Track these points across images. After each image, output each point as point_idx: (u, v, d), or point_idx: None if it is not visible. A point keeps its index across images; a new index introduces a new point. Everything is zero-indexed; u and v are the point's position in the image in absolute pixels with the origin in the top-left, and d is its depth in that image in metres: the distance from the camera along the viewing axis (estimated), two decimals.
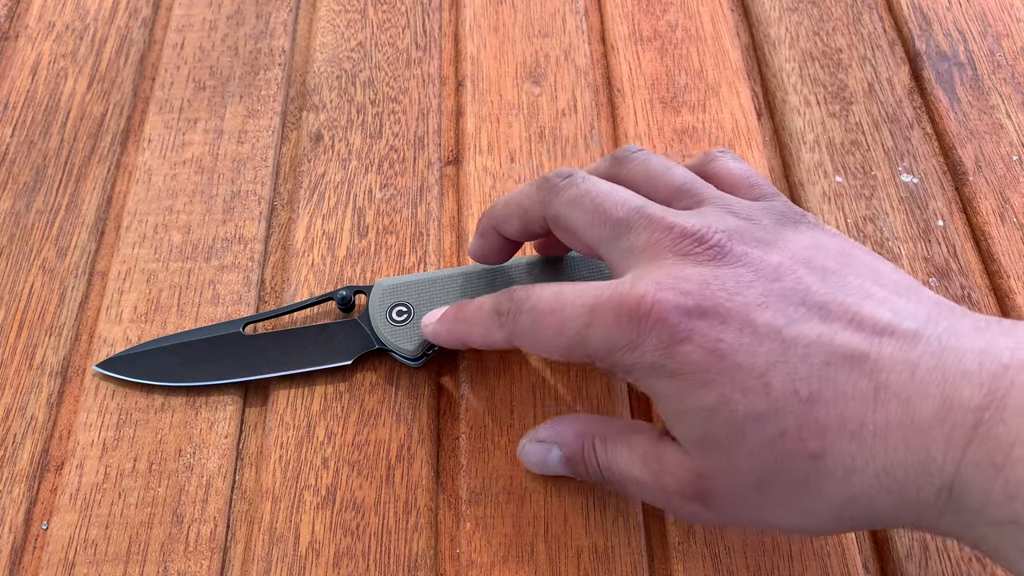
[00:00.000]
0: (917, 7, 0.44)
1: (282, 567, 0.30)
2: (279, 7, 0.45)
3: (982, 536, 0.22)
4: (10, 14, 0.45)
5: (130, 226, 0.38)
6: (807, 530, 0.26)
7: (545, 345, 0.27)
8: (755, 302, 0.24)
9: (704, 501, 0.25)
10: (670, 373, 0.24)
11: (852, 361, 0.23)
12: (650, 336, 0.24)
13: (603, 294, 0.25)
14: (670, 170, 0.29)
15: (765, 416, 0.23)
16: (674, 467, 0.26)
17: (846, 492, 0.23)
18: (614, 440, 0.28)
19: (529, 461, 0.31)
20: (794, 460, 0.23)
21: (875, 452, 0.22)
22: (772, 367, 0.23)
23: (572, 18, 0.44)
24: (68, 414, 0.34)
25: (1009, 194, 0.38)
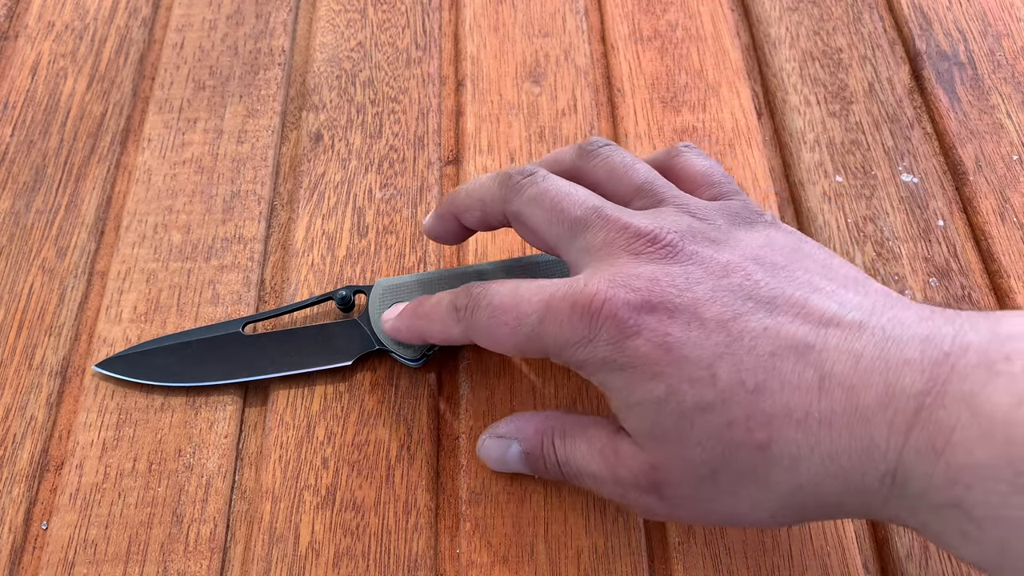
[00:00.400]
0: (917, 7, 0.44)
1: (282, 567, 0.30)
2: (279, 7, 0.45)
3: (924, 522, 0.22)
4: (10, 14, 0.45)
5: (130, 226, 0.38)
6: (759, 522, 0.25)
7: (500, 341, 0.28)
8: (703, 297, 0.25)
9: (658, 493, 0.26)
10: (620, 367, 0.25)
11: (798, 352, 0.23)
12: (601, 331, 0.25)
13: (558, 291, 0.26)
14: (632, 168, 0.29)
15: (712, 406, 0.24)
16: (629, 459, 0.26)
17: (793, 480, 0.23)
18: (573, 434, 0.28)
19: (488, 457, 0.31)
20: (742, 450, 0.24)
21: (820, 440, 0.23)
22: (719, 359, 0.24)
23: (572, 18, 0.44)
24: (68, 414, 0.34)
25: (1009, 194, 0.38)
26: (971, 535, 0.21)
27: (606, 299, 0.25)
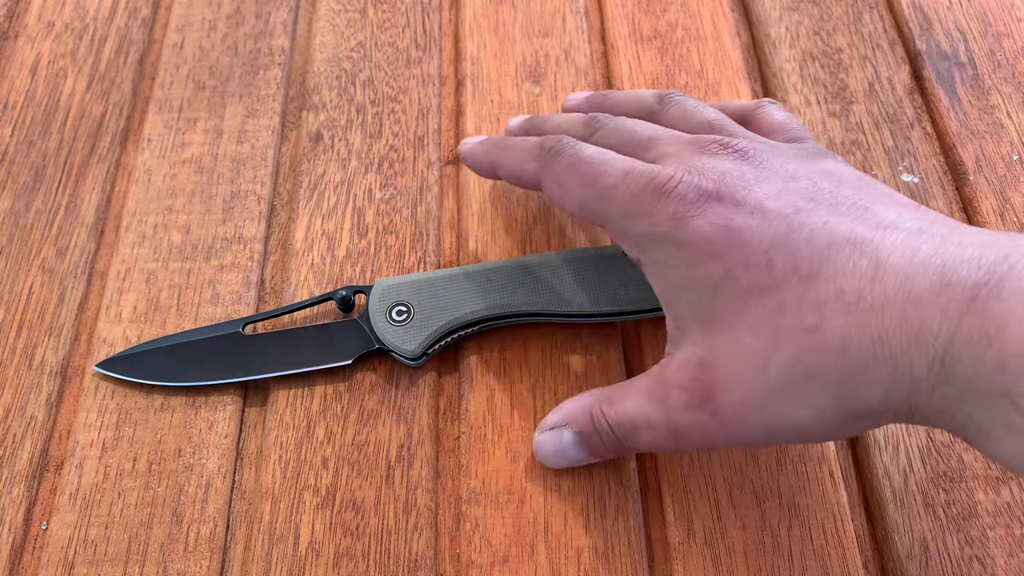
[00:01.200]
0: (917, 7, 0.44)
1: (282, 567, 0.30)
2: (279, 7, 0.45)
3: (968, 414, 0.22)
4: (9, 14, 0.45)
5: (130, 226, 0.38)
6: (809, 430, 0.25)
7: (568, 191, 0.29)
8: (769, 193, 0.26)
9: (711, 404, 0.26)
10: (679, 242, 0.26)
11: (854, 244, 0.24)
12: (667, 207, 0.26)
13: (638, 166, 0.28)
14: (703, 108, 0.32)
15: (765, 291, 0.25)
16: (678, 375, 0.27)
17: (843, 365, 0.23)
18: (618, 395, 0.29)
19: (545, 452, 0.31)
20: (792, 334, 0.24)
21: (871, 323, 0.23)
22: (776, 246, 0.25)
23: (572, 18, 0.44)
24: (68, 414, 0.34)
25: (1010, 194, 0.38)
26: (1015, 426, 0.21)
27: (680, 181, 0.26)
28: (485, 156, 0.34)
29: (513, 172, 0.32)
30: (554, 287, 0.34)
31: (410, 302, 0.34)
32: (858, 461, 0.33)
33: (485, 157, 0.34)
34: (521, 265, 0.34)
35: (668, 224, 0.26)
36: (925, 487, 0.31)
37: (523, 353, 0.34)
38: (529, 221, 0.38)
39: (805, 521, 0.31)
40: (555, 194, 0.30)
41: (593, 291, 0.34)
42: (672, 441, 0.27)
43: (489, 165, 0.34)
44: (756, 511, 0.31)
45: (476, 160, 0.34)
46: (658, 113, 0.33)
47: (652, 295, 0.34)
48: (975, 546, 0.30)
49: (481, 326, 0.34)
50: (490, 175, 0.35)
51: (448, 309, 0.33)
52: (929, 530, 0.31)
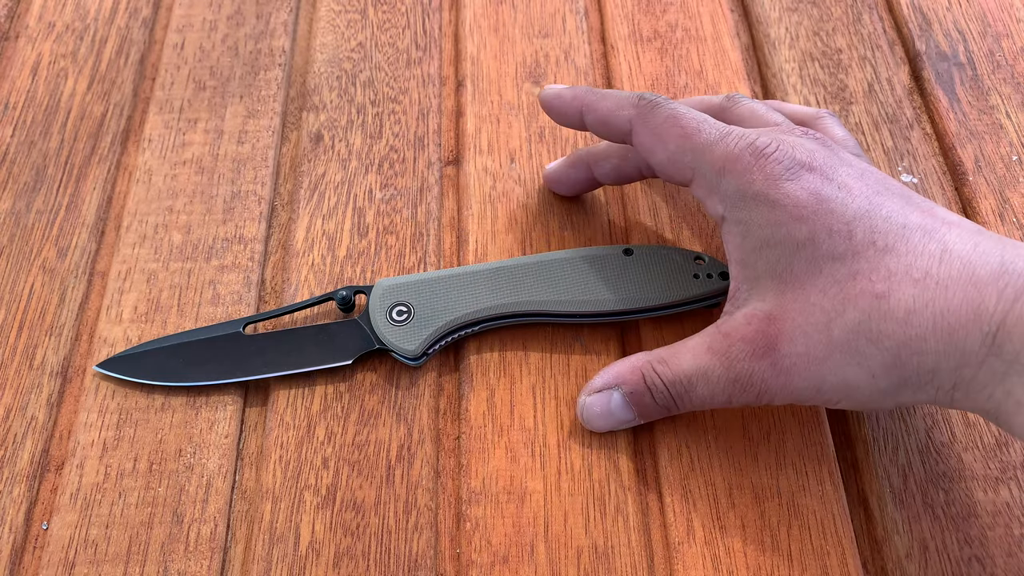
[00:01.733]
0: (917, 7, 0.44)
1: (282, 567, 0.30)
2: (279, 7, 0.45)
3: (1008, 389, 0.25)
4: (10, 14, 0.45)
5: (130, 226, 0.38)
6: (857, 390, 0.27)
7: (664, 141, 0.31)
8: (852, 175, 0.28)
9: (773, 355, 0.28)
10: (771, 203, 0.28)
11: (924, 230, 0.27)
12: (764, 168, 0.28)
13: (736, 130, 0.30)
14: (771, 112, 0.33)
15: (843, 257, 0.27)
16: (742, 328, 0.29)
17: (903, 333, 0.26)
18: (672, 354, 0.30)
19: (592, 414, 0.31)
20: (860, 298, 0.26)
21: (935, 298, 0.25)
22: (857, 219, 0.27)
23: (572, 18, 0.44)
24: (68, 414, 0.34)
25: (1009, 194, 0.38)
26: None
27: (778, 147, 0.29)
28: (574, 100, 0.34)
29: (603, 118, 0.33)
30: (554, 287, 0.34)
31: (410, 302, 0.34)
32: (858, 461, 0.33)
33: (574, 101, 0.34)
34: (521, 265, 0.34)
35: (763, 184, 0.28)
36: (924, 487, 0.32)
37: (523, 353, 0.34)
38: (529, 221, 0.38)
39: (805, 521, 0.31)
40: (647, 142, 0.31)
41: (593, 291, 0.34)
42: (729, 391, 0.29)
43: (577, 110, 0.34)
44: (756, 511, 0.31)
45: (563, 103, 0.34)
46: (727, 110, 0.34)
47: (652, 295, 0.34)
48: (974, 546, 0.30)
49: (481, 326, 0.34)
50: (573, 121, 0.35)
51: (448, 309, 0.34)
52: (928, 530, 0.31)
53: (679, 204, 0.38)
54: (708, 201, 0.31)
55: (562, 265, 0.34)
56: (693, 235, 0.37)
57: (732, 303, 0.30)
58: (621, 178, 0.36)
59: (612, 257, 0.34)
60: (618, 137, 0.33)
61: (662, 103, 0.31)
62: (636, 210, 0.38)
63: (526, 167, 0.39)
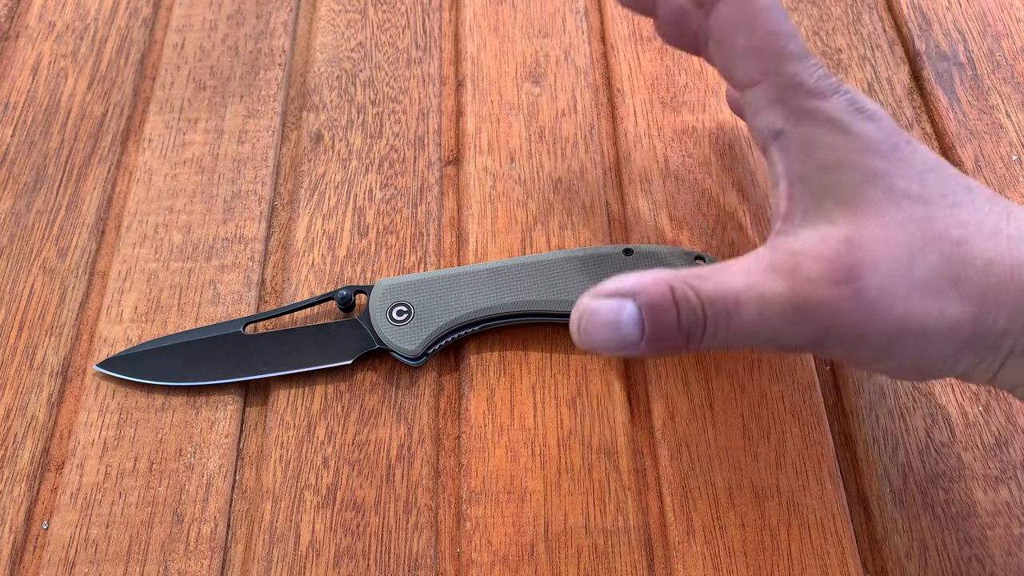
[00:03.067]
0: (917, 7, 0.44)
1: (282, 567, 0.30)
2: (279, 7, 0.45)
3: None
4: (10, 14, 0.45)
5: (130, 226, 0.38)
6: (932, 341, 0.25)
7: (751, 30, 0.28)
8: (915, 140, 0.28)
9: (854, 281, 0.25)
10: (846, 130, 0.27)
11: (987, 195, 0.27)
12: (843, 98, 0.27)
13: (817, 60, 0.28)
14: None
15: (919, 199, 0.26)
16: (817, 246, 0.26)
17: (984, 282, 0.25)
18: (715, 272, 0.26)
19: (593, 323, 0.26)
20: (940, 241, 0.25)
21: (1010, 250, 0.25)
22: (928, 171, 0.27)
23: (572, 18, 0.44)
24: (68, 414, 0.34)
25: (1009, 194, 0.38)
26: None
27: (854, 92, 0.28)
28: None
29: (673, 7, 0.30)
30: (554, 287, 0.34)
31: (410, 302, 0.34)
32: (857, 461, 0.33)
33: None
34: (521, 265, 0.34)
35: (840, 112, 0.27)
36: (924, 486, 0.32)
37: (523, 353, 0.34)
38: (529, 221, 0.38)
39: (804, 520, 0.31)
40: (734, 20, 0.28)
41: None
42: (786, 321, 0.25)
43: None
44: (756, 510, 0.31)
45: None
46: None
47: None
48: (974, 545, 0.30)
49: (481, 326, 0.34)
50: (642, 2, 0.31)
51: (448, 309, 0.34)
52: (928, 529, 0.31)
53: (679, 204, 0.38)
54: (767, 111, 0.28)
55: (562, 265, 0.34)
56: (693, 235, 0.37)
57: (788, 223, 0.27)
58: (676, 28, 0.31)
59: (612, 257, 0.35)
60: (693, 20, 0.30)
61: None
62: (636, 210, 0.38)
63: (526, 167, 0.39)
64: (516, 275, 0.34)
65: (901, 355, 0.26)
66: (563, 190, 0.39)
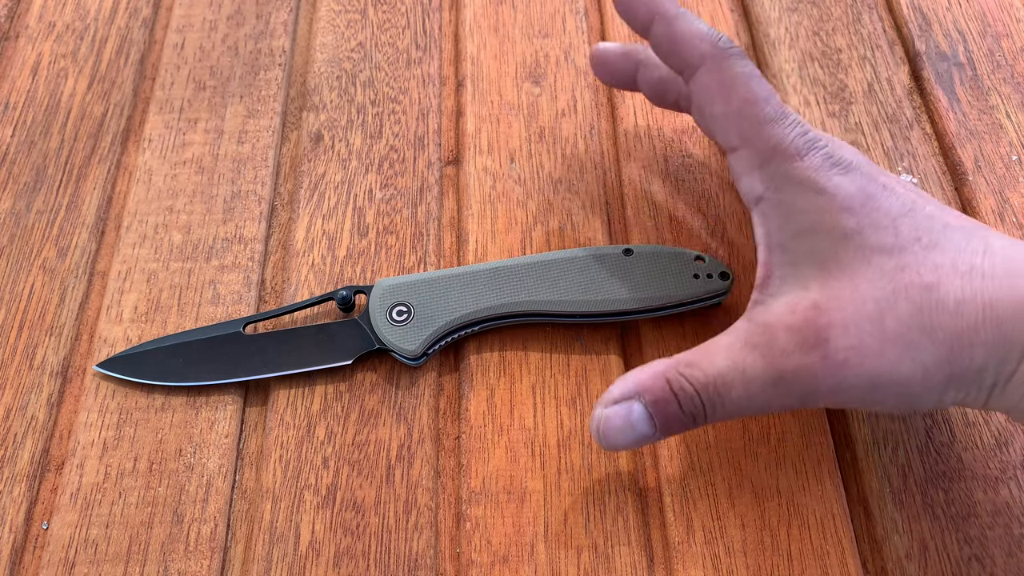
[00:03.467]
0: (917, 7, 0.44)
1: (282, 567, 0.30)
2: (279, 7, 0.45)
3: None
4: (10, 14, 0.45)
5: (130, 226, 0.38)
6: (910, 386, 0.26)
7: (727, 98, 0.30)
8: (893, 179, 0.29)
9: (823, 346, 0.26)
10: (819, 190, 0.28)
11: (965, 230, 0.27)
12: (814, 158, 0.28)
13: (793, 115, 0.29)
14: None
15: (890, 251, 0.27)
16: (787, 317, 0.27)
17: (956, 324, 0.25)
18: (701, 355, 0.28)
19: (610, 428, 0.28)
20: (910, 290, 0.26)
21: (983, 288, 0.25)
22: (902, 217, 0.27)
23: (572, 18, 0.44)
24: (68, 414, 0.34)
25: (1009, 194, 0.38)
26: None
27: (829, 143, 0.29)
28: (651, 2, 0.31)
29: (675, 39, 0.31)
30: (554, 287, 0.34)
31: (410, 302, 0.34)
32: (857, 460, 0.33)
33: (651, 3, 0.31)
34: (521, 265, 0.34)
35: (814, 171, 0.28)
36: (924, 486, 0.32)
37: (523, 353, 0.34)
38: (529, 221, 0.38)
39: (804, 521, 0.31)
40: (710, 89, 0.30)
41: (593, 291, 0.34)
42: (770, 392, 0.27)
43: (649, 13, 0.31)
44: (756, 511, 0.31)
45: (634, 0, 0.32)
46: None
47: (652, 295, 0.34)
48: (974, 545, 0.30)
49: (481, 326, 0.34)
50: (638, 23, 0.32)
51: (448, 309, 0.34)
52: (928, 530, 0.31)
53: (679, 204, 0.38)
54: (747, 177, 0.29)
55: (562, 265, 0.34)
56: (693, 235, 0.37)
57: (764, 291, 0.28)
58: (659, 95, 0.35)
59: (612, 257, 0.35)
60: (678, 64, 0.31)
61: (740, 56, 0.30)
62: (636, 210, 0.38)
63: (526, 167, 0.39)
64: (516, 275, 0.34)
65: (884, 401, 0.27)
66: (563, 190, 0.39)
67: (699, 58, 0.30)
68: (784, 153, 0.28)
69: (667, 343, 0.35)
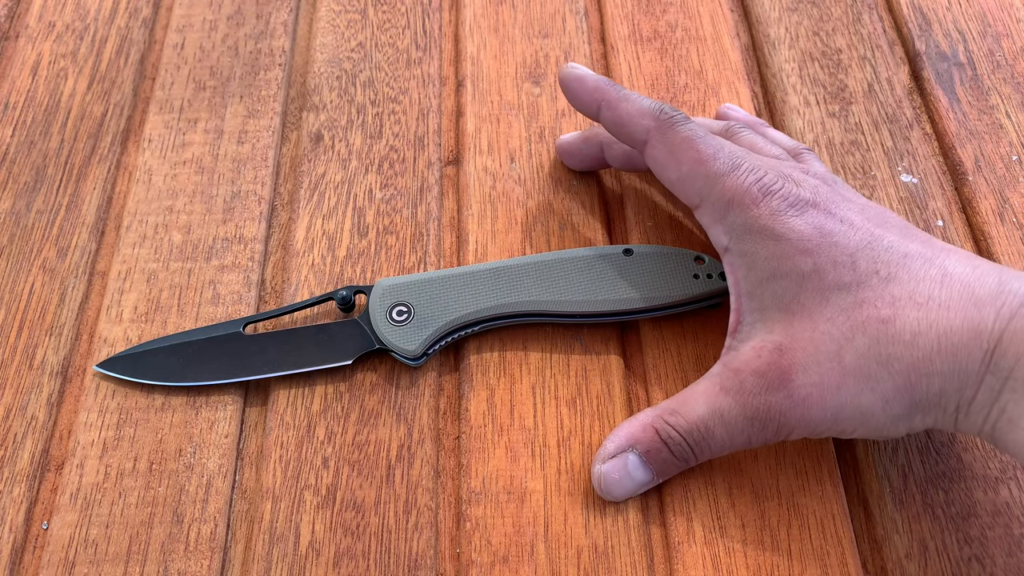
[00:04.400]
0: (917, 7, 0.44)
1: (282, 567, 0.30)
2: (279, 7, 0.45)
3: (1002, 407, 0.26)
4: (10, 14, 0.45)
5: (130, 226, 0.38)
6: (872, 416, 0.27)
7: (679, 162, 0.31)
8: (853, 211, 0.30)
9: (787, 386, 0.28)
10: (777, 236, 0.29)
11: (924, 258, 0.28)
12: (771, 203, 0.29)
13: (745, 162, 0.30)
14: (769, 145, 0.34)
15: (849, 287, 0.28)
16: (753, 362, 0.29)
17: (911, 355, 0.26)
18: (682, 403, 0.30)
19: (610, 482, 0.30)
20: (868, 324, 0.27)
21: (938, 319, 0.26)
22: (860, 251, 0.28)
23: (572, 18, 0.44)
24: (68, 414, 0.34)
25: (1009, 194, 0.38)
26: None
27: (783, 184, 0.29)
28: (595, 91, 0.33)
29: (621, 120, 0.33)
30: (554, 287, 0.34)
31: (410, 302, 0.34)
32: (857, 461, 0.33)
33: (595, 93, 0.33)
34: (521, 265, 0.34)
35: (769, 219, 0.29)
36: (924, 487, 0.32)
37: (523, 353, 0.34)
38: (529, 221, 0.38)
39: (804, 520, 0.31)
40: (661, 158, 0.32)
41: (593, 291, 0.34)
42: (747, 431, 0.29)
43: (596, 102, 0.33)
44: (756, 511, 0.31)
45: (583, 89, 0.34)
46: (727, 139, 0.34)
47: (652, 295, 0.34)
48: (974, 545, 0.30)
49: (481, 326, 0.34)
50: (589, 110, 0.34)
51: (448, 309, 0.34)
52: (928, 530, 0.31)
53: (679, 204, 0.38)
54: (713, 230, 0.31)
55: (562, 265, 0.34)
56: (693, 235, 0.37)
57: (735, 337, 0.30)
58: (629, 165, 0.37)
59: (612, 257, 0.35)
60: (629, 142, 0.33)
61: (681, 122, 0.32)
62: (636, 210, 0.38)
63: (526, 167, 0.39)
64: (516, 275, 0.34)
65: (852, 430, 0.28)
66: (563, 190, 0.39)
67: (645, 133, 0.32)
68: (740, 204, 0.29)
69: (667, 343, 0.35)
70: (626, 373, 0.34)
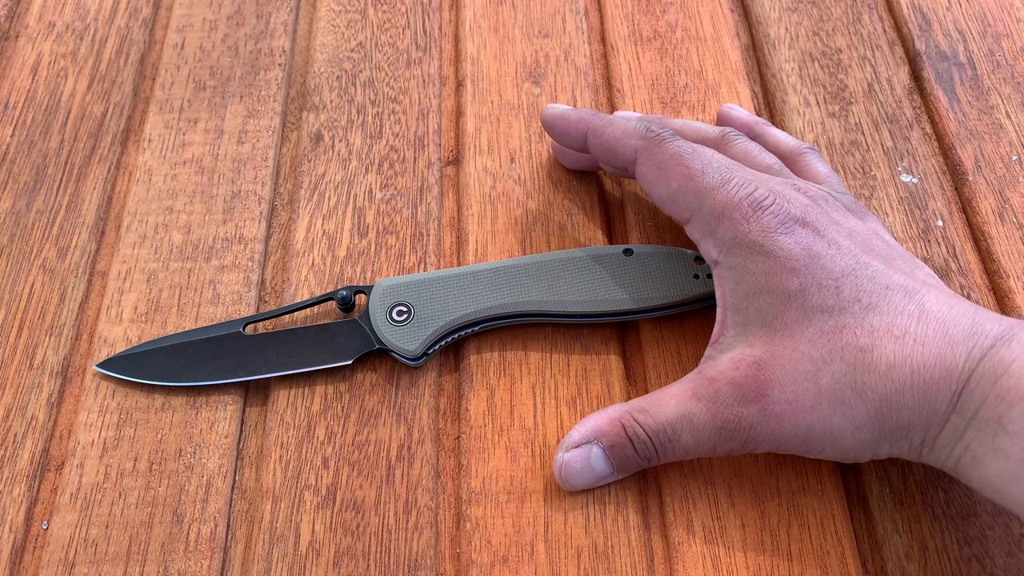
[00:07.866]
0: (917, 7, 0.44)
1: (282, 567, 0.30)
2: (279, 7, 0.45)
3: (966, 444, 0.26)
4: (10, 14, 0.45)
5: (130, 226, 0.38)
6: (842, 440, 0.28)
7: (668, 179, 0.31)
8: (843, 233, 0.30)
9: (761, 400, 0.28)
10: (765, 253, 0.29)
11: (905, 291, 0.28)
12: (761, 220, 0.29)
13: (736, 176, 0.30)
14: (764, 152, 0.34)
15: (831, 311, 0.28)
16: (730, 373, 0.29)
17: (884, 387, 0.27)
18: (653, 403, 0.30)
19: (571, 471, 0.30)
20: (846, 351, 0.28)
21: (913, 354, 0.27)
22: (845, 276, 0.28)
23: (572, 18, 0.44)
24: (68, 414, 0.34)
25: (1009, 194, 0.38)
26: (1002, 449, 0.25)
27: (775, 200, 0.29)
28: (579, 123, 0.34)
29: (608, 144, 0.33)
30: (554, 287, 0.34)
31: (410, 302, 0.34)
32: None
33: (579, 124, 0.34)
34: (521, 265, 0.34)
35: (759, 234, 0.29)
36: (924, 487, 0.32)
37: (523, 353, 0.34)
38: (529, 221, 0.38)
39: (805, 521, 0.31)
40: (650, 176, 0.32)
41: (593, 291, 0.34)
42: (714, 439, 0.29)
43: (582, 133, 0.34)
44: (756, 511, 0.31)
45: (568, 125, 0.35)
46: (721, 147, 0.34)
47: (652, 295, 0.34)
48: (974, 545, 0.30)
49: (481, 326, 0.34)
50: (576, 143, 0.35)
51: (448, 309, 0.34)
52: (928, 530, 0.31)
53: None
54: (703, 243, 0.31)
55: (562, 265, 0.34)
56: None
57: (716, 347, 0.30)
58: (623, 173, 0.36)
59: (612, 257, 0.35)
60: (620, 164, 0.33)
61: (668, 139, 0.32)
62: (636, 210, 0.38)
63: (526, 167, 0.39)
64: (516, 275, 0.34)
65: (821, 450, 0.29)
66: (563, 190, 0.39)
67: (633, 153, 0.32)
68: (730, 218, 0.30)
69: (667, 343, 0.35)
70: (626, 373, 0.34)
